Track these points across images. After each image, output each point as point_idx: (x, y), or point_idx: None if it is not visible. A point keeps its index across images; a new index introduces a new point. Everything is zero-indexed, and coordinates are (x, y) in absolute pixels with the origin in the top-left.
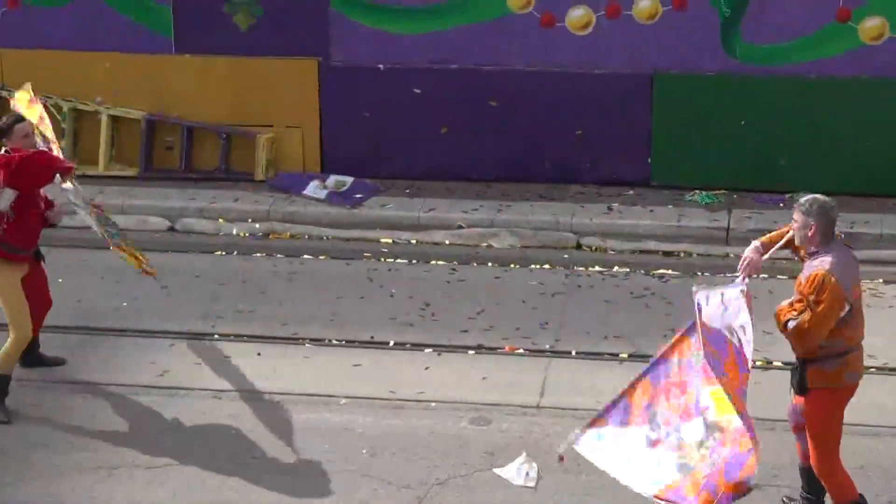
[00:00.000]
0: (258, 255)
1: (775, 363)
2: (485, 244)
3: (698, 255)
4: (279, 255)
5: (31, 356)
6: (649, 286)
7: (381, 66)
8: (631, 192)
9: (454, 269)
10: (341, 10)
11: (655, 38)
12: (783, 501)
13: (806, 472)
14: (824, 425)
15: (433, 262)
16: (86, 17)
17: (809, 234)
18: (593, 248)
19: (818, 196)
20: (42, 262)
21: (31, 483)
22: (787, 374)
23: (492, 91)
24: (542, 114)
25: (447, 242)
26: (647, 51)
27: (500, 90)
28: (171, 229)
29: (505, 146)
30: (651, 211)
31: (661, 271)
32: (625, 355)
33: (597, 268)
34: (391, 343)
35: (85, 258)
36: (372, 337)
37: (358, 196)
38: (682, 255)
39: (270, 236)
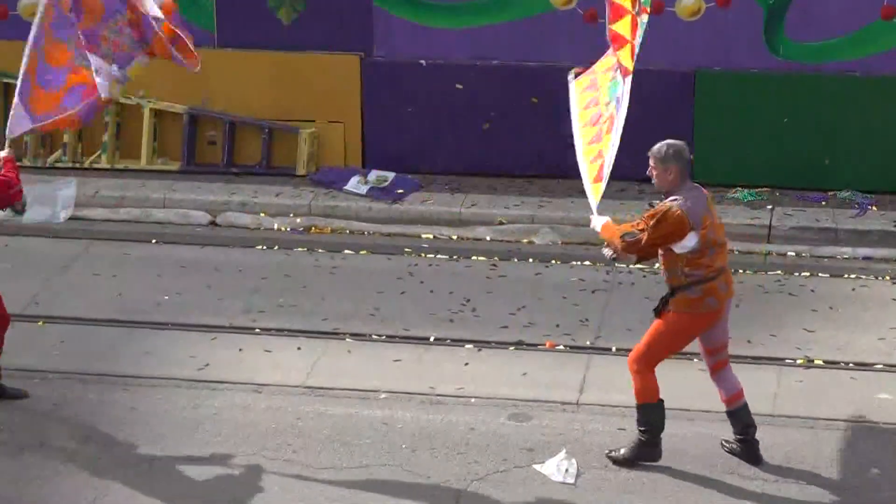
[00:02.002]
0: (299, 249)
1: (817, 361)
2: (525, 240)
3: (739, 252)
4: (320, 250)
5: None
6: None
7: (423, 61)
8: None
9: (495, 265)
10: (384, 5)
11: (698, 34)
12: (721, 444)
13: (733, 414)
14: (668, 338)
15: (474, 257)
16: None
17: (671, 177)
18: None
19: (669, 141)
20: None
21: (74, 476)
22: (828, 374)
23: (534, 87)
24: None
25: (488, 238)
26: (689, 48)
27: (543, 86)
28: (213, 223)
29: (547, 142)
30: None
31: None
32: None
33: (638, 265)
34: (431, 338)
35: (127, 252)
36: (412, 332)
37: (399, 191)
38: None
39: (312, 231)
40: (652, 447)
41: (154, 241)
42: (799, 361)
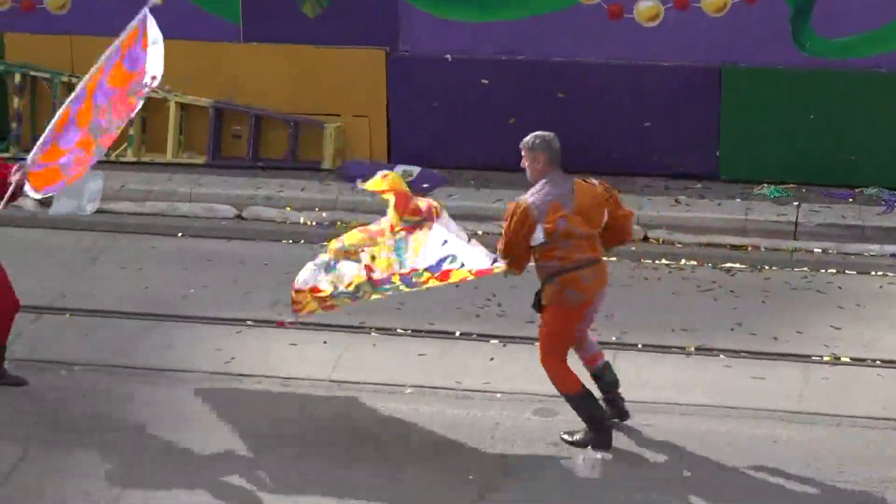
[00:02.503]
0: (325, 243)
1: (843, 359)
2: None
3: (766, 248)
4: None
5: None
6: (716, 279)
7: (448, 56)
8: (699, 184)
9: None
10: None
11: (724, 30)
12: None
13: (596, 376)
14: (556, 330)
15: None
16: None
17: (539, 166)
18: (660, 240)
19: (538, 132)
20: None
21: (99, 467)
22: (854, 371)
23: (559, 82)
24: (610, 106)
25: None
26: (715, 43)
27: (568, 82)
28: (239, 217)
29: (572, 138)
30: (719, 204)
31: (729, 265)
32: (691, 348)
33: (664, 260)
34: (457, 333)
35: (153, 245)
36: (437, 326)
37: (424, 186)
38: (749, 248)
39: (337, 225)
40: (600, 434)
41: (180, 234)
42: (825, 359)
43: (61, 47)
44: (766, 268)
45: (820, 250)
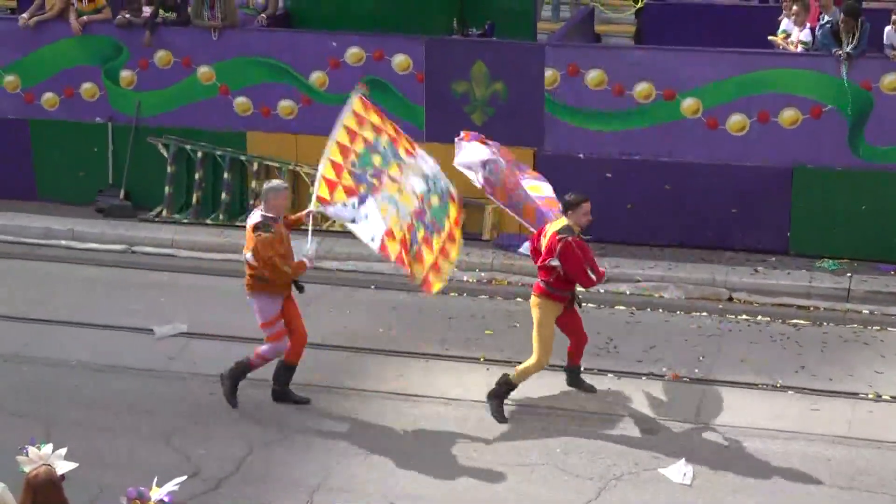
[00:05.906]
0: (483, 296)
1: (884, 396)
2: (657, 295)
3: (825, 309)
4: (499, 298)
5: None
6: (784, 332)
7: (581, 155)
8: (773, 258)
9: (633, 313)
10: (553, 112)
11: (796, 139)
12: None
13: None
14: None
15: (616, 307)
16: None
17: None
18: (742, 301)
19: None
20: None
21: (311, 462)
22: (894, 406)
23: (667, 177)
24: (706, 195)
25: (628, 292)
26: (789, 149)
27: (674, 177)
28: None
29: (676, 220)
30: (788, 273)
31: (795, 321)
32: (764, 385)
33: (744, 316)
34: (582, 368)
35: (352, 295)
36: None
37: None
38: (811, 308)
39: (492, 283)
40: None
41: (373, 287)
42: (870, 396)
43: (288, 143)
44: (825, 324)
45: (867, 311)
